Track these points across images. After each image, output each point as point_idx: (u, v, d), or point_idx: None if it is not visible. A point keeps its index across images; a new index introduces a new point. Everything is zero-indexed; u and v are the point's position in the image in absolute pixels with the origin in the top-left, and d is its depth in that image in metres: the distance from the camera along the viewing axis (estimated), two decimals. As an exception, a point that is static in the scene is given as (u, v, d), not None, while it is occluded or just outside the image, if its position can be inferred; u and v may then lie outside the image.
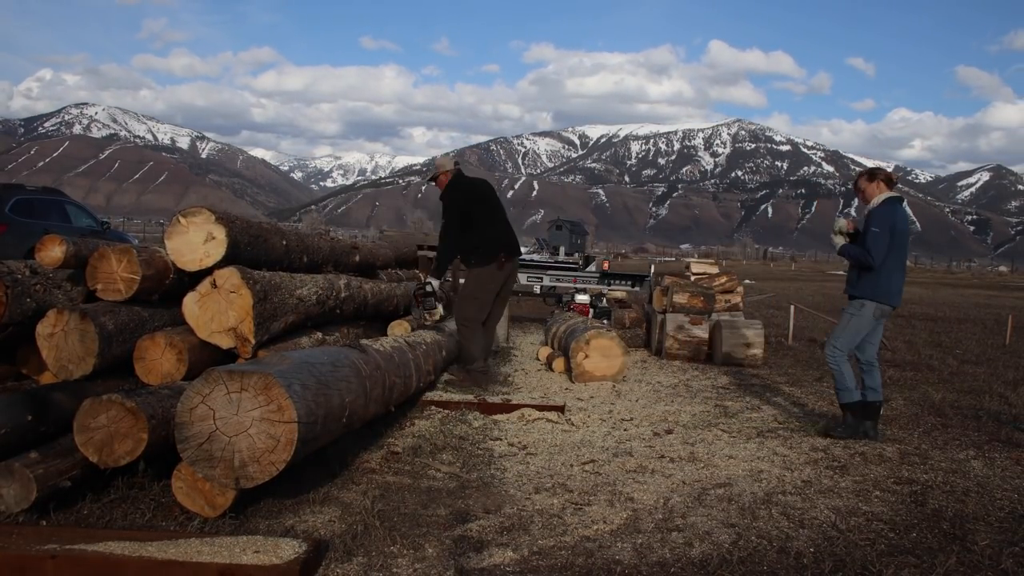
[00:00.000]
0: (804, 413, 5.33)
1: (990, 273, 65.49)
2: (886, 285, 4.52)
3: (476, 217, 5.61)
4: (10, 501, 2.76)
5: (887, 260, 4.48)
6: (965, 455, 4.27)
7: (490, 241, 5.64)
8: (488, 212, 5.73)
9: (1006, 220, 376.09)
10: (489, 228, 5.66)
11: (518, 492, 3.37)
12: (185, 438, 2.71)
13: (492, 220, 5.72)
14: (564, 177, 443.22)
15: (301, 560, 2.32)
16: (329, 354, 3.52)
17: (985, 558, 2.75)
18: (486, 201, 5.80)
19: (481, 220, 5.64)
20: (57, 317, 3.47)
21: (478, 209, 5.65)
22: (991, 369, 7.71)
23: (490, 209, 5.76)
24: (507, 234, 5.76)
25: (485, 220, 5.67)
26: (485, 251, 5.63)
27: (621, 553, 2.70)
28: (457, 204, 5.59)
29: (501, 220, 5.81)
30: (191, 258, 3.85)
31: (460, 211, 5.56)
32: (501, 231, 5.73)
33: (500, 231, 5.72)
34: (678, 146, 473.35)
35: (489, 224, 5.68)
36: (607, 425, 4.76)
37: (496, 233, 5.68)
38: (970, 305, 19.45)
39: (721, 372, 7.15)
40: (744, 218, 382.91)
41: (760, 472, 3.79)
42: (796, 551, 2.76)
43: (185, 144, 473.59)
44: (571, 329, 7.07)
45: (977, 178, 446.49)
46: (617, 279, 11.48)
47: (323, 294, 4.68)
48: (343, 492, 3.24)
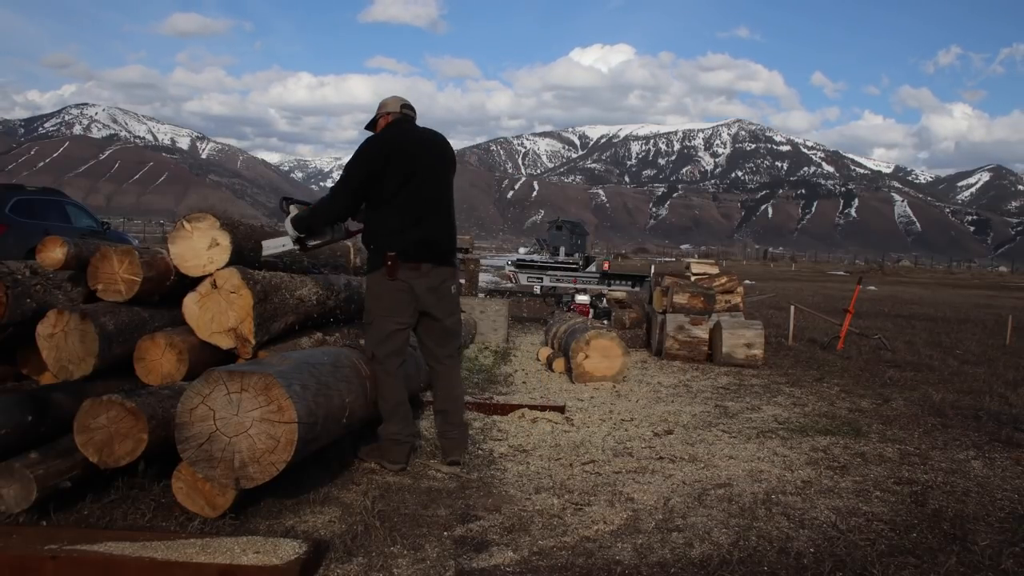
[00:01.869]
0: (804, 414, 5.33)
1: (990, 273, 65.51)
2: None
3: (381, 186, 3.60)
4: (10, 501, 2.76)
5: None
6: (965, 455, 4.27)
7: (385, 230, 3.65)
8: (403, 184, 3.60)
9: (1006, 220, 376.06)
10: (392, 209, 3.62)
11: (518, 492, 3.37)
12: (185, 438, 2.71)
13: (405, 198, 3.62)
14: (564, 177, 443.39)
15: (301, 561, 2.33)
16: (329, 354, 3.52)
17: (985, 558, 2.75)
18: (411, 166, 3.62)
19: (385, 193, 3.61)
20: (57, 318, 3.47)
21: (392, 173, 3.59)
22: (991, 369, 7.71)
23: (410, 180, 3.62)
24: (418, 225, 3.63)
25: (391, 195, 3.61)
26: (377, 244, 3.68)
27: (621, 553, 2.70)
28: (365, 158, 3.63)
29: (420, 202, 3.65)
30: (194, 264, 3.86)
31: (368, 170, 3.61)
32: (408, 219, 3.62)
33: (407, 219, 3.62)
34: (678, 146, 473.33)
35: (396, 203, 3.62)
36: (607, 425, 4.76)
37: (398, 220, 3.62)
38: (970, 305, 19.46)
39: (721, 372, 7.15)
40: (744, 218, 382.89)
41: (760, 472, 3.79)
42: (796, 551, 2.76)
43: (185, 144, 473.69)
44: (571, 329, 7.07)
45: (977, 178, 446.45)
46: (617, 279, 11.50)
47: (323, 294, 4.68)
48: (343, 492, 3.24)
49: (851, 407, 5.60)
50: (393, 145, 3.65)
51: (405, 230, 3.62)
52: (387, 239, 3.63)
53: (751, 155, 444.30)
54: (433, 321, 3.76)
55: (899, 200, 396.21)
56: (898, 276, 45.23)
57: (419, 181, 3.65)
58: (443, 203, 3.78)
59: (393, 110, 3.83)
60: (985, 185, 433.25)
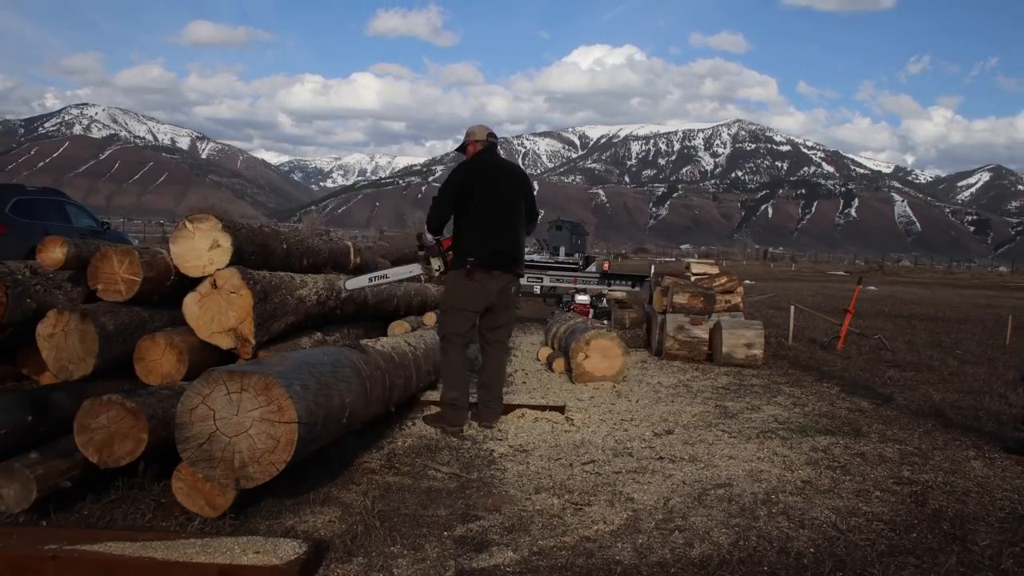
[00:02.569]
0: (804, 414, 5.33)
1: (990, 273, 65.50)
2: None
3: (468, 203, 4.51)
4: (10, 501, 2.76)
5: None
6: (965, 455, 4.27)
7: (468, 239, 4.52)
8: (483, 203, 4.52)
9: (1006, 220, 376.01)
10: (473, 222, 4.51)
11: (518, 492, 3.37)
12: (185, 438, 2.71)
13: (484, 215, 4.52)
14: (564, 177, 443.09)
15: (301, 561, 2.33)
16: (329, 354, 3.52)
17: (985, 558, 2.75)
18: (491, 190, 4.57)
19: (470, 209, 4.51)
20: (57, 318, 3.47)
21: (476, 194, 4.52)
22: (991, 369, 7.71)
23: (489, 201, 4.54)
24: (494, 239, 4.52)
25: (475, 211, 4.51)
26: (458, 249, 4.56)
27: (621, 553, 2.70)
28: (456, 181, 4.57)
29: (496, 220, 4.55)
30: (195, 264, 3.86)
31: (458, 188, 4.54)
32: (486, 233, 4.51)
33: (485, 232, 4.50)
34: (678, 146, 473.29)
35: (477, 217, 4.51)
36: (607, 425, 4.76)
37: (478, 233, 4.50)
38: (970, 305, 19.46)
39: (721, 372, 7.15)
40: (744, 218, 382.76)
41: (760, 472, 3.79)
42: (796, 551, 2.76)
43: (185, 144, 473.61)
44: (571, 329, 7.07)
45: (977, 178, 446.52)
46: (617, 279, 11.49)
47: (323, 294, 4.68)
48: (343, 492, 3.24)
49: (851, 407, 5.60)
50: (477, 172, 4.60)
51: (482, 241, 4.49)
52: (468, 247, 4.48)
53: (751, 155, 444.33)
54: (492, 314, 4.63)
55: (899, 200, 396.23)
56: (898, 276, 45.24)
57: (495, 202, 4.55)
58: (513, 221, 4.64)
59: (480, 138, 4.75)
60: (985, 185, 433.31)
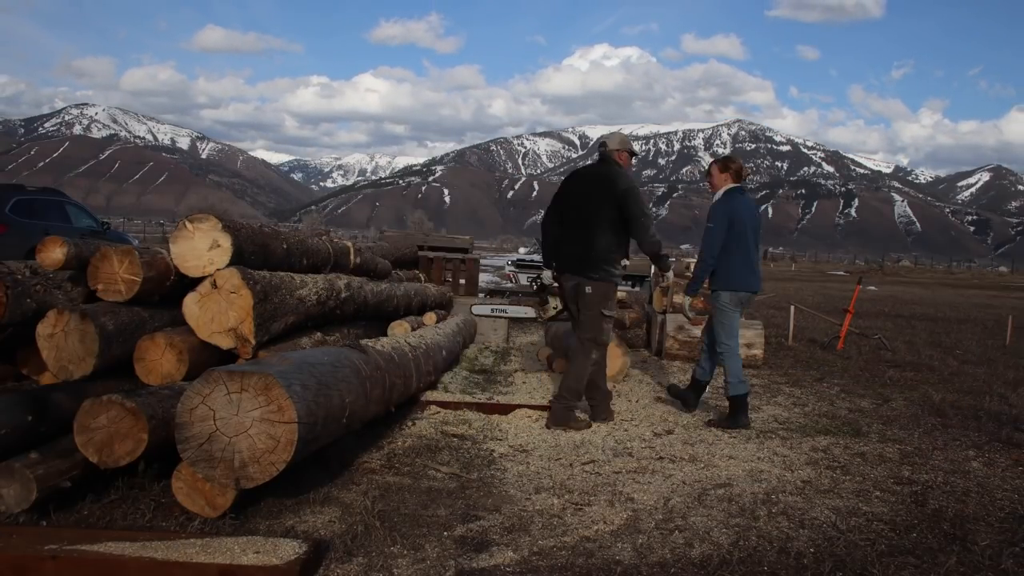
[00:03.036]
0: (804, 414, 5.33)
1: (990, 273, 65.47)
2: (733, 273, 4.89)
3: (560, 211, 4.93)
4: (10, 501, 2.76)
5: (730, 249, 4.85)
6: (965, 455, 4.28)
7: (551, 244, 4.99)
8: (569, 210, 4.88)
9: (1006, 220, 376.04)
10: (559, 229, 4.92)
11: (518, 492, 3.37)
12: (185, 438, 2.71)
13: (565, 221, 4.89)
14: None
15: (301, 560, 2.33)
16: (329, 354, 3.52)
17: (985, 558, 2.75)
18: (570, 199, 4.92)
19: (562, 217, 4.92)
20: (57, 317, 3.47)
21: (563, 202, 4.92)
22: (991, 369, 7.71)
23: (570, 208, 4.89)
24: (563, 243, 4.88)
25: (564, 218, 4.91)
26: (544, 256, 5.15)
27: (621, 553, 2.71)
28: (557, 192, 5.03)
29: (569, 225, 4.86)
30: (195, 264, 3.86)
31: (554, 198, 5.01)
32: (561, 237, 4.90)
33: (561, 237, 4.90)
34: (678, 146, 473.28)
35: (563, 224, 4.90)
36: (607, 425, 4.76)
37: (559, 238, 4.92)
38: (970, 305, 19.45)
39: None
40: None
41: (760, 472, 3.80)
42: (796, 551, 2.76)
43: (185, 144, 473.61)
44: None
45: (977, 178, 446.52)
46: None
47: (323, 294, 4.68)
48: (343, 492, 3.24)
49: (851, 407, 5.60)
50: (565, 182, 5.04)
51: (557, 246, 4.93)
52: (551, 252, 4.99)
53: (751, 155, 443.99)
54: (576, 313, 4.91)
55: (899, 200, 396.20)
56: (898, 276, 45.21)
57: (571, 209, 4.86)
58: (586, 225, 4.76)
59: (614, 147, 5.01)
60: (985, 185, 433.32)
